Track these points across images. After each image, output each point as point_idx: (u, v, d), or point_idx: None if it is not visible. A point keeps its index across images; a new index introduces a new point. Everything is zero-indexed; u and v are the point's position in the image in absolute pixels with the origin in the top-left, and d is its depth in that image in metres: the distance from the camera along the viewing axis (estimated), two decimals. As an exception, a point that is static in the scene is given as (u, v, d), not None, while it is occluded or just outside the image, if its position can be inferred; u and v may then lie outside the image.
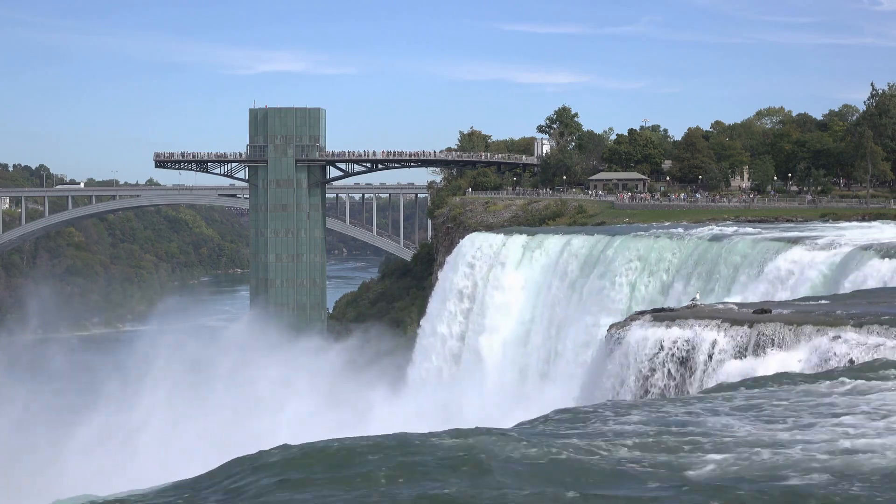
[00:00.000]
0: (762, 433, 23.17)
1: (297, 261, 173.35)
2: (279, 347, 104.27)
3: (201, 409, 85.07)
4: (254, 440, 33.70)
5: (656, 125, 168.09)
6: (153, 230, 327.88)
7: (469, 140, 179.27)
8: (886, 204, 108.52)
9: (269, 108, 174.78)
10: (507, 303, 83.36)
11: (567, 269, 78.39)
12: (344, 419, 71.80)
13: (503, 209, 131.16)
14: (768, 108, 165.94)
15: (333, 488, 18.89)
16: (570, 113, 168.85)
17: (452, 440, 22.42)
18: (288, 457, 20.73)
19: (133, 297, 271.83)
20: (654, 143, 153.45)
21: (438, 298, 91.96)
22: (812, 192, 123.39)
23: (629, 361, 39.08)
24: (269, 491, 18.91)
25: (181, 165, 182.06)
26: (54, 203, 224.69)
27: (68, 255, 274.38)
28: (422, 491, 18.61)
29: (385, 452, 21.00)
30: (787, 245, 59.48)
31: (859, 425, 23.58)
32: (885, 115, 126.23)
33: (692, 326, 38.27)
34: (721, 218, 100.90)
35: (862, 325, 34.79)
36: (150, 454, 76.13)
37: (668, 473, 20.17)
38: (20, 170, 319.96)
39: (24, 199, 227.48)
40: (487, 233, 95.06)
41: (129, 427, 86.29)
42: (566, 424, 25.19)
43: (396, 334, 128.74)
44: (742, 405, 26.79)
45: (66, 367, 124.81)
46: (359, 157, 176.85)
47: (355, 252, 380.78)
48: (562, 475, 20.16)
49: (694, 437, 22.95)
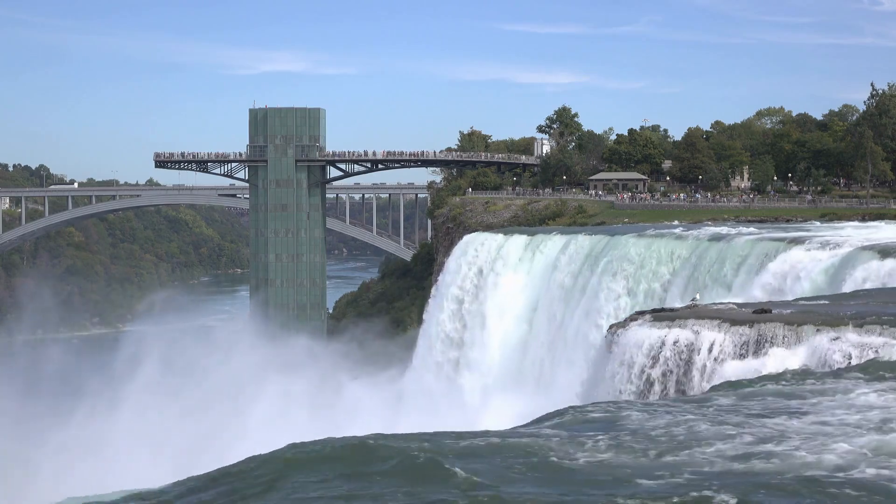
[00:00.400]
0: (762, 433, 23.17)
1: (297, 261, 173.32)
2: (273, 349, 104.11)
3: (180, 412, 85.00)
4: (224, 444, 33.76)
5: (656, 125, 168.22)
6: (153, 230, 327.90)
7: (469, 140, 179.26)
8: (886, 204, 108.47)
9: (269, 109, 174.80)
10: (506, 303, 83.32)
11: (567, 270, 78.36)
12: (340, 419, 71.80)
13: (503, 209, 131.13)
14: (768, 108, 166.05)
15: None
16: (570, 113, 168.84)
17: (452, 440, 22.42)
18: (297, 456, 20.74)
19: (133, 297, 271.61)
20: (654, 143, 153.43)
21: (438, 298, 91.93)
22: (812, 192, 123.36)
23: (629, 362, 39.07)
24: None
25: (181, 165, 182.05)
26: (54, 203, 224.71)
27: (68, 255, 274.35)
28: (423, 491, 18.61)
29: (384, 454, 21.00)
30: (787, 245, 59.44)
31: (860, 425, 23.59)
32: (885, 115, 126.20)
33: (692, 326, 38.26)
34: (721, 218, 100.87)
35: (862, 325, 34.79)
36: (118, 459, 76.18)
37: (669, 473, 20.16)
38: (20, 170, 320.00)
39: (24, 199, 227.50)
40: (487, 233, 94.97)
41: (102, 431, 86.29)
42: (567, 425, 25.18)
43: (396, 334, 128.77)
44: (742, 405, 26.78)
45: (61, 369, 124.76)
46: (359, 157, 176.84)
47: (355, 252, 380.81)
48: (561, 475, 20.16)
49: (694, 436, 22.94)
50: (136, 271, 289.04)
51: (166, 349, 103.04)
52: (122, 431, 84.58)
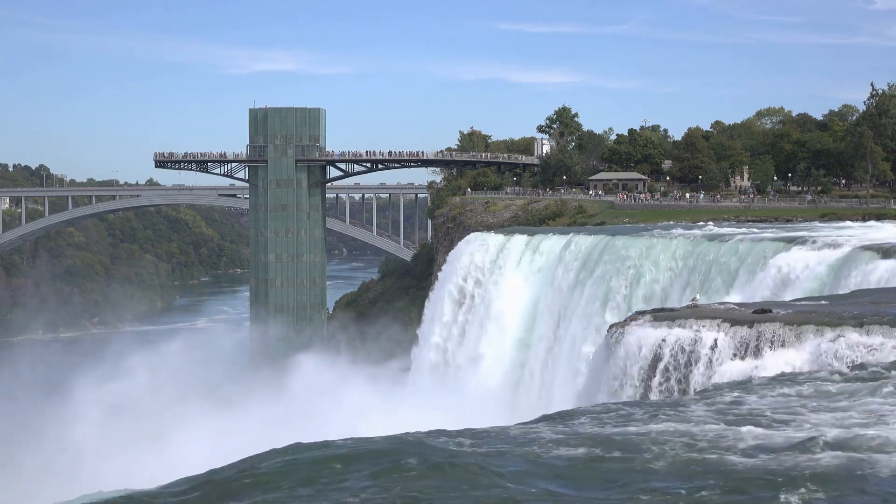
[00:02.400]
0: (764, 433, 23.18)
1: (297, 261, 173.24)
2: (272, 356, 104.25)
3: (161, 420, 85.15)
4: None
5: (656, 125, 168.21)
6: (153, 230, 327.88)
7: (469, 140, 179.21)
8: (886, 204, 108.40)
9: (269, 109, 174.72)
10: (507, 303, 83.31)
11: (567, 270, 78.37)
12: (342, 419, 71.72)
13: (503, 209, 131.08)
14: (768, 108, 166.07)
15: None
16: (570, 113, 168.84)
17: (452, 440, 22.43)
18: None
19: (133, 297, 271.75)
20: (654, 143, 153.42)
21: (438, 298, 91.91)
22: (812, 192, 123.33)
23: (629, 361, 39.07)
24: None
25: (181, 165, 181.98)
26: (54, 203, 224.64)
27: (68, 255, 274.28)
28: (424, 490, 18.61)
29: (386, 453, 21.00)
30: (787, 245, 59.45)
31: (862, 424, 23.60)
32: (885, 115, 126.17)
33: (692, 326, 38.27)
34: (721, 218, 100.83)
35: (862, 325, 34.79)
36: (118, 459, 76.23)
37: (670, 473, 20.17)
38: (20, 170, 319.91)
39: (24, 199, 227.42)
40: (487, 233, 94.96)
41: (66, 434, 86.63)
42: (567, 425, 25.19)
43: (396, 334, 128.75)
44: (742, 405, 26.79)
45: (57, 370, 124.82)
46: (359, 157, 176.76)
47: (355, 252, 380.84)
48: (563, 475, 20.16)
49: (694, 437, 22.95)
50: (136, 271, 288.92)
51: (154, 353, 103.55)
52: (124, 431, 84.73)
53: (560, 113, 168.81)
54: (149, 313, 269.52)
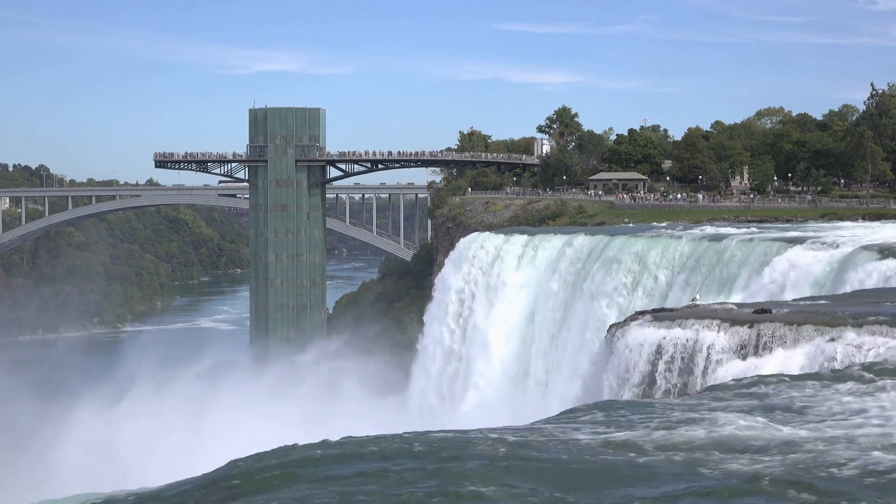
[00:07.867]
0: (764, 433, 23.17)
1: (297, 261, 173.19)
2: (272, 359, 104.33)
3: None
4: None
5: (656, 125, 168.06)
6: (153, 230, 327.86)
7: (469, 140, 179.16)
8: (886, 204, 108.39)
9: (268, 109, 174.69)
10: (507, 303, 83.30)
11: (567, 270, 78.35)
12: (342, 420, 71.77)
13: (503, 209, 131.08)
14: (768, 108, 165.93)
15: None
16: (570, 113, 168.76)
17: (450, 440, 22.42)
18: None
19: (133, 297, 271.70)
20: (654, 143, 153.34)
21: (438, 298, 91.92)
22: (812, 192, 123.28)
23: (629, 361, 39.08)
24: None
25: (181, 165, 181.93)
26: (54, 203, 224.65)
27: (68, 255, 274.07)
28: (423, 491, 18.61)
29: (385, 453, 20.99)
30: (787, 245, 59.43)
31: (862, 424, 23.59)
32: (885, 115, 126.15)
33: (692, 326, 38.27)
34: (721, 218, 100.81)
35: (862, 325, 34.78)
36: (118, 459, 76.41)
37: (669, 473, 20.15)
38: (20, 170, 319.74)
39: (24, 199, 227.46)
40: (488, 233, 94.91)
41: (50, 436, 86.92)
42: (567, 425, 25.18)
43: (396, 334, 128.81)
44: (742, 405, 26.78)
45: (52, 371, 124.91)
46: (359, 157, 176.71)
47: (355, 252, 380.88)
48: (563, 475, 20.16)
49: (694, 437, 22.94)
50: (136, 271, 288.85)
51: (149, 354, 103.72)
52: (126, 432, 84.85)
53: (560, 113, 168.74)
54: (149, 313, 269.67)
